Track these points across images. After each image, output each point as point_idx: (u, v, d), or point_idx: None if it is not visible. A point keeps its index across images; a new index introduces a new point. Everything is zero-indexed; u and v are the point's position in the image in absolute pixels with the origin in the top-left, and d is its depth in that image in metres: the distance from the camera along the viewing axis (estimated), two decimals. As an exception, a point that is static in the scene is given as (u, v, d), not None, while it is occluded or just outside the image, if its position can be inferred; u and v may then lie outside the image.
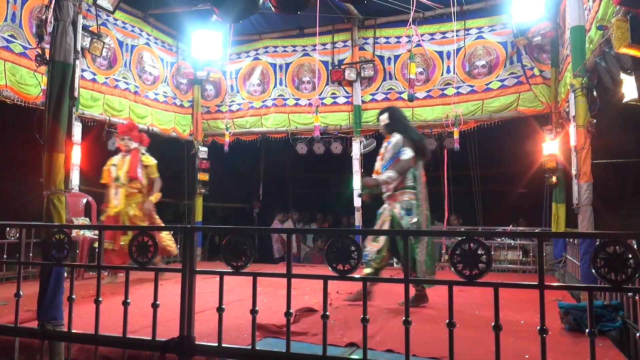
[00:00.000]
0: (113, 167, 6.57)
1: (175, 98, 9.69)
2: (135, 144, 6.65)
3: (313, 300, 4.98)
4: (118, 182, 6.48)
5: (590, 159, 5.53)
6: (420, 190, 4.87)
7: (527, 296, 4.79)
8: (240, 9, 4.66)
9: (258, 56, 9.91)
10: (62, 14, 3.50)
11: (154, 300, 2.73)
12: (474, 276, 2.22)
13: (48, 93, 3.47)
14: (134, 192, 6.52)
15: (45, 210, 3.38)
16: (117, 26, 8.44)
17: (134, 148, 6.62)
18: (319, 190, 13.18)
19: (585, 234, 5.61)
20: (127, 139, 6.62)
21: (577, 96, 5.66)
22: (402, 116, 5.23)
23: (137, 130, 6.91)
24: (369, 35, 9.24)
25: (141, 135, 6.84)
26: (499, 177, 11.05)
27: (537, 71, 8.10)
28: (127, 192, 6.47)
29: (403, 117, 5.21)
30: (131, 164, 6.52)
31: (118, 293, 4.80)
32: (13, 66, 6.53)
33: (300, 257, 11.04)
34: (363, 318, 2.42)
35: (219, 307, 2.61)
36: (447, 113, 8.41)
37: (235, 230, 2.68)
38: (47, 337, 3.04)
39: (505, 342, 2.79)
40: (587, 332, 2.12)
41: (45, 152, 3.42)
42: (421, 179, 4.93)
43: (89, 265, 6.07)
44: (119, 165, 6.57)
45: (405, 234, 3.35)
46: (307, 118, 9.31)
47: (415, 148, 4.87)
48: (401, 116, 5.20)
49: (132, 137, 6.66)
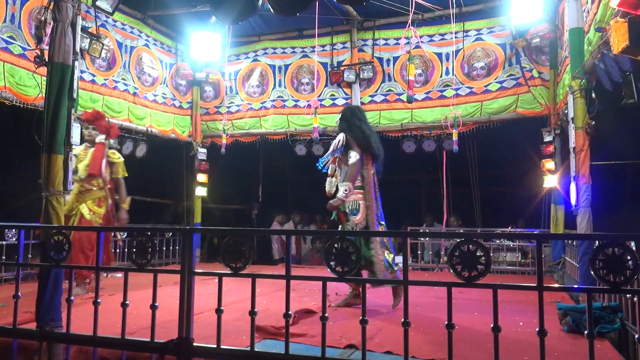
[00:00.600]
0: (74, 157, 5.31)
1: (174, 99, 9.69)
2: (101, 136, 5.80)
3: (312, 301, 4.97)
4: (75, 175, 5.41)
5: (589, 161, 5.53)
6: (368, 190, 4.81)
7: (526, 298, 4.80)
8: (239, 11, 4.66)
9: (257, 57, 9.91)
10: (61, 15, 3.50)
11: (153, 302, 2.73)
12: (473, 278, 2.23)
13: (47, 94, 3.47)
14: (90, 189, 5.72)
15: (43, 211, 3.38)
16: (116, 27, 8.44)
17: (99, 141, 5.78)
18: (318, 191, 13.16)
19: (584, 235, 5.60)
20: (91, 128, 5.82)
21: (576, 98, 5.67)
22: (354, 115, 5.05)
23: (105, 120, 6.10)
24: (368, 37, 9.24)
25: (110, 126, 6.02)
26: (498, 179, 11.07)
27: (535, 73, 8.10)
28: (82, 189, 5.68)
29: (354, 116, 5.02)
30: (94, 158, 5.70)
31: (117, 294, 4.79)
32: (12, 67, 6.53)
33: (300, 258, 11.03)
34: (362, 319, 2.42)
35: (217, 309, 2.61)
36: (446, 115, 8.42)
37: (234, 231, 2.68)
38: (46, 339, 3.04)
39: (504, 344, 2.79)
40: (586, 334, 2.12)
41: (44, 153, 3.42)
42: (370, 179, 4.87)
43: (87, 267, 6.04)
44: (80, 157, 5.74)
45: (404, 235, 3.35)
46: (306, 119, 9.31)
47: (361, 148, 4.82)
48: (353, 115, 5.04)
49: (98, 127, 5.82)
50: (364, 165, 4.85)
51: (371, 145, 4.89)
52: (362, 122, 5.00)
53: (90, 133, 5.84)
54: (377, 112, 9.04)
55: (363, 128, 4.94)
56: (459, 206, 10.00)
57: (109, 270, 6.35)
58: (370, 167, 4.93)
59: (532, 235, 6.07)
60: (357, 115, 5.05)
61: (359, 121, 4.98)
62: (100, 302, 2.87)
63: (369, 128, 5.04)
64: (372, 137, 4.97)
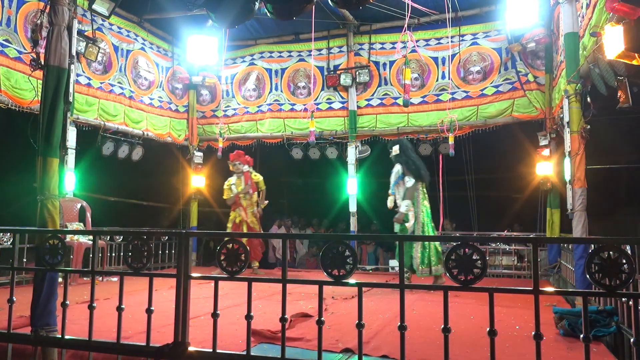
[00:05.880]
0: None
1: (170, 103, 9.68)
2: (245, 167, 8.26)
3: (308, 305, 4.97)
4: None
5: (584, 165, 5.54)
6: (416, 204, 6.32)
7: (522, 301, 4.80)
8: (236, 14, 4.67)
9: (254, 61, 9.92)
10: (57, 19, 3.49)
11: (149, 306, 2.72)
12: (469, 281, 2.23)
13: (43, 98, 3.46)
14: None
15: (39, 215, 3.36)
16: (113, 31, 8.44)
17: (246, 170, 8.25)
18: (315, 195, 13.19)
19: (580, 239, 5.62)
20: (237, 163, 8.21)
21: (571, 102, 5.69)
22: (409, 147, 6.58)
23: (244, 157, 8.35)
24: (365, 41, 9.27)
25: (248, 160, 8.36)
26: (493, 183, 11.09)
27: (531, 77, 8.14)
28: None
29: (409, 148, 6.55)
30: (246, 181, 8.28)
31: (112, 298, 4.77)
32: (8, 71, 6.51)
33: (295, 262, 11.02)
34: (358, 323, 2.42)
35: (213, 313, 2.61)
36: (442, 119, 8.44)
37: (230, 235, 2.68)
38: (41, 343, 3.03)
39: (500, 347, 2.80)
40: (582, 338, 2.13)
41: (39, 156, 3.41)
42: (419, 198, 6.36)
43: (82, 271, 6.03)
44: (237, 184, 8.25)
45: (400, 239, 3.36)
46: (302, 123, 9.31)
47: (414, 175, 6.32)
48: (408, 147, 6.56)
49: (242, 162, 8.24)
50: (415, 189, 6.33)
51: (421, 174, 6.42)
52: (413, 153, 6.58)
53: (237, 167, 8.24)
54: (373, 116, 9.07)
55: (414, 160, 6.48)
56: (455, 210, 10.02)
57: (104, 274, 6.34)
58: (421, 188, 6.44)
59: (528, 239, 6.12)
60: (409, 147, 6.61)
61: (411, 152, 6.55)
62: (96, 307, 2.86)
63: (418, 158, 6.59)
64: (421, 166, 6.45)
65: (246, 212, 8.14)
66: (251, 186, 8.20)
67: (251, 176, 8.27)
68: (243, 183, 8.18)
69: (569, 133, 5.72)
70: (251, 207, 8.20)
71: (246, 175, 8.24)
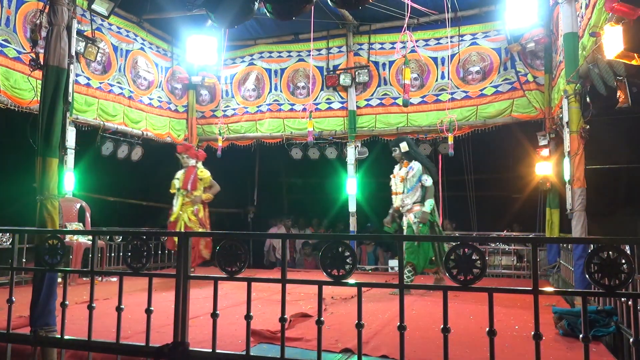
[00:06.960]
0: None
1: (169, 103, 9.68)
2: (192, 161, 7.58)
3: (308, 305, 4.97)
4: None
5: (583, 165, 5.54)
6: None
7: (522, 301, 4.80)
8: (235, 15, 4.67)
9: (253, 61, 9.92)
10: (56, 19, 3.49)
11: (148, 306, 2.72)
12: (468, 281, 2.23)
13: (42, 98, 3.46)
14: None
15: (38, 215, 3.36)
16: (112, 31, 8.43)
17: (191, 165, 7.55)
18: (314, 195, 13.19)
19: (579, 239, 5.62)
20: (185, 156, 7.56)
21: (571, 102, 5.69)
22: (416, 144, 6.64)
23: (193, 149, 7.81)
24: (364, 41, 9.27)
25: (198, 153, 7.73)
26: (493, 183, 11.09)
27: (530, 77, 8.15)
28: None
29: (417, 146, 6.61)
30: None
31: (112, 298, 4.77)
32: (7, 71, 6.50)
33: (294, 262, 11.01)
34: (357, 323, 2.42)
35: (213, 313, 2.61)
36: (442, 119, 8.44)
37: (229, 235, 2.67)
38: (40, 344, 3.02)
39: (499, 347, 2.80)
40: (581, 338, 2.13)
41: (38, 157, 3.41)
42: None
43: (82, 271, 6.02)
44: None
45: (399, 239, 3.36)
46: (302, 123, 9.30)
47: (431, 174, 6.32)
48: (415, 144, 6.57)
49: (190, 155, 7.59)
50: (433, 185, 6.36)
51: (434, 172, 6.43)
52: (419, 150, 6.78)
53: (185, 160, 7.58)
54: (372, 116, 9.07)
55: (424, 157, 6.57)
56: (455, 210, 10.01)
57: (104, 274, 6.34)
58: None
59: (528, 239, 6.12)
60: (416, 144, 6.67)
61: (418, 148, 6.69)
62: (95, 307, 2.86)
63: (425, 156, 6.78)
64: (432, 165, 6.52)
65: (183, 210, 7.39)
66: (193, 182, 7.39)
67: (197, 172, 7.50)
68: (184, 178, 7.47)
69: (568, 133, 5.72)
70: (190, 205, 7.41)
71: (189, 170, 7.49)
